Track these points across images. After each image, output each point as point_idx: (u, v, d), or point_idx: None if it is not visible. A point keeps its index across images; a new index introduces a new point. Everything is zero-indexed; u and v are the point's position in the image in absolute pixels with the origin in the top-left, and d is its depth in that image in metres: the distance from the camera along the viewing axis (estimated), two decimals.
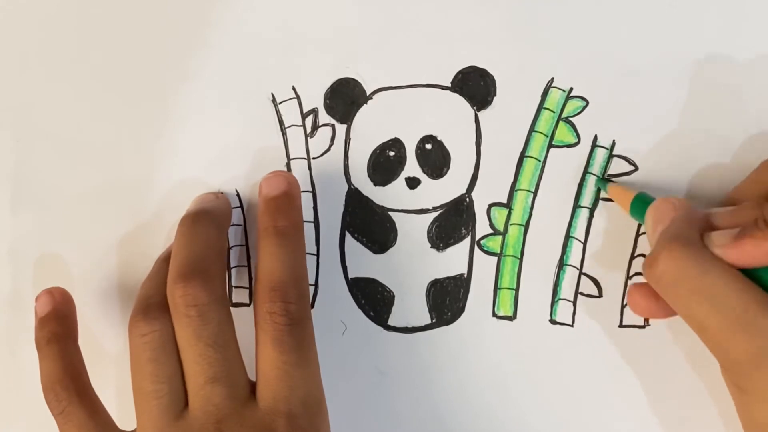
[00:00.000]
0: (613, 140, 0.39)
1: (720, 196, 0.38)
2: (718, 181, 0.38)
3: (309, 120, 0.40)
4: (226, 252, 0.39)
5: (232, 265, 0.40)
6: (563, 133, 0.39)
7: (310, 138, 0.40)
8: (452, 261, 0.40)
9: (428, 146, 0.39)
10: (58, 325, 0.37)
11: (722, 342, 0.32)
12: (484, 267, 0.40)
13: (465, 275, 0.40)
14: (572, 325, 0.39)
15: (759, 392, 0.31)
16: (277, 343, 0.35)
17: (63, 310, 0.38)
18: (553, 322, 0.40)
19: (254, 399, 0.35)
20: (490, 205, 0.40)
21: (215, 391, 0.34)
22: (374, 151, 0.40)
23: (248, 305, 0.40)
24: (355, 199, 0.40)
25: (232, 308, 0.40)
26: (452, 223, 0.40)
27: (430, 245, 0.40)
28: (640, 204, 0.36)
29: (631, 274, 0.39)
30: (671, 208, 0.35)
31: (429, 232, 0.40)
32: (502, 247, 0.40)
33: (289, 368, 0.35)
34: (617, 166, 0.39)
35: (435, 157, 0.39)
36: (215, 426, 0.34)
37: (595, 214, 0.39)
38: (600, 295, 0.39)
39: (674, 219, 0.34)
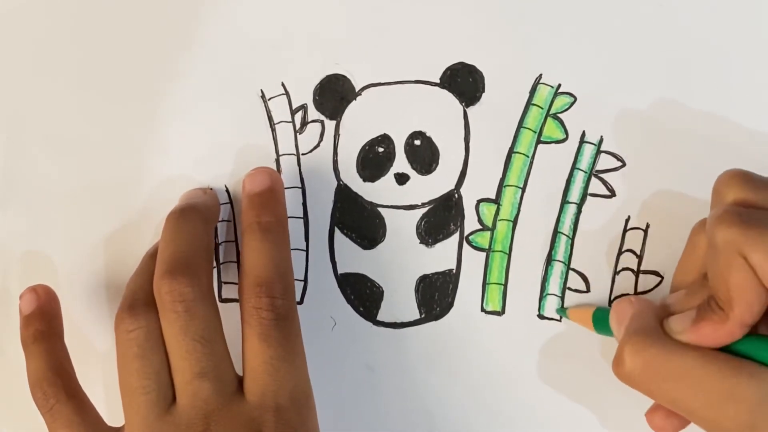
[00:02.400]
0: (601, 136, 0.39)
1: (707, 191, 0.38)
2: (705, 177, 0.38)
3: (298, 116, 0.40)
4: (214, 247, 0.39)
5: (221, 261, 0.40)
6: (551, 129, 0.39)
7: (300, 134, 0.40)
8: (441, 256, 0.40)
9: (417, 142, 0.40)
10: (43, 323, 0.37)
11: (712, 420, 0.31)
12: (473, 262, 0.40)
13: (454, 271, 0.40)
14: (560, 320, 0.40)
15: None
16: (263, 338, 0.35)
17: (48, 308, 0.38)
18: (541, 317, 0.40)
19: (242, 393, 0.35)
20: (479, 201, 0.40)
21: (203, 385, 0.35)
22: (363, 147, 0.40)
23: (238, 301, 0.40)
24: (344, 195, 0.40)
25: (221, 304, 0.40)
26: (441, 219, 0.40)
27: (419, 241, 0.40)
28: (601, 318, 0.37)
29: (618, 269, 0.39)
30: (628, 306, 0.35)
31: (418, 227, 0.40)
32: (490, 243, 0.40)
33: (276, 362, 0.35)
34: (605, 162, 0.39)
35: (424, 153, 0.40)
36: (203, 420, 0.34)
37: (582, 209, 0.39)
38: (588, 290, 0.39)
39: (632, 315, 0.34)
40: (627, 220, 0.39)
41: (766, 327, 0.32)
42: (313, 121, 0.40)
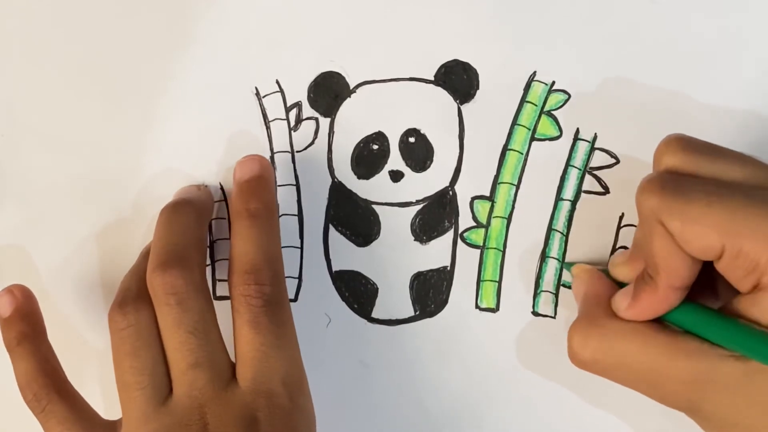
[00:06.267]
0: (595, 133, 0.39)
1: None
2: None
3: (293, 113, 0.40)
4: (207, 241, 0.39)
5: (216, 259, 0.40)
6: (545, 127, 0.39)
7: (294, 131, 0.40)
8: (435, 253, 0.40)
9: (411, 139, 0.40)
10: (24, 324, 0.37)
11: (659, 399, 0.33)
12: (467, 259, 0.40)
13: (448, 268, 0.40)
14: (554, 317, 0.40)
15: (715, 415, 0.32)
16: (253, 325, 0.35)
17: (27, 308, 0.38)
18: (535, 313, 0.40)
19: (236, 381, 0.35)
20: (473, 198, 0.40)
21: (198, 375, 0.35)
22: (358, 145, 0.40)
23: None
24: (338, 192, 0.40)
25: (216, 302, 0.40)
26: (435, 216, 0.40)
27: (413, 238, 0.40)
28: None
29: None
30: (581, 284, 0.36)
31: (412, 224, 0.40)
32: (484, 240, 0.40)
33: (267, 349, 0.35)
34: (599, 159, 0.39)
35: (418, 151, 0.40)
36: (199, 410, 0.34)
37: (576, 206, 0.39)
38: None
39: (583, 296, 0.36)
40: (621, 217, 0.39)
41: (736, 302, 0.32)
42: (308, 118, 0.40)
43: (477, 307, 0.40)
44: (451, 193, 0.40)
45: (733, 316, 0.32)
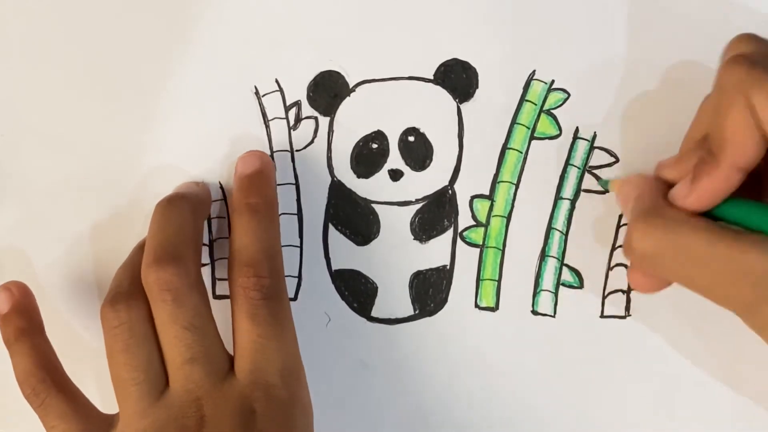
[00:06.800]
0: (594, 132, 0.39)
1: None
2: None
3: (292, 113, 0.40)
4: (202, 235, 0.39)
5: (215, 258, 0.40)
6: (545, 126, 0.39)
7: (294, 130, 0.40)
8: (435, 252, 0.40)
9: (411, 138, 0.40)
10: (22, 320, 0.37)
11: (721, 296, 0.32)
12: (467, 258, 0.40)
13: (447, 267, 0.40)
14: (554, 316, 0.40)
15: None
16: (251, 317, 0.35)
17: (24, 304, 0.38)
18: (534, 312, 0.40)
19: (233, 373, 0.35)
20: (473, 197, 0.40)
21: (194, 369, 0.35)
22: (357, 144, 0.40)
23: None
24: (338, 191, 0.40)
25: (215, 301, 0.40)
26: (435, 215, 0.40)
27: (412, 237, 0.40)
28: None
29: (612, 265, 0.39)
30: (631, 188, 0.35)
31: (412, 223, 0.40)
32: (484, 239, 0.40)
33: (265, 341, 0.35)
34: (598, 158, 0.39)
35: (418, 149, 0.40)
36: (195, 403, 0.34)
37: (576, 205, 0.39)
38: (581, 286, 0.40)
39: (636, 197, 0.35)
40: (620, 216, 0.39)
41: None
42: (307, 117, 0.40)
43: (476, 306, 0.40)
44: (450, 192, 0.40)
45: None
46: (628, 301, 0.39)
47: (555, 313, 0.40)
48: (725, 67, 0.32)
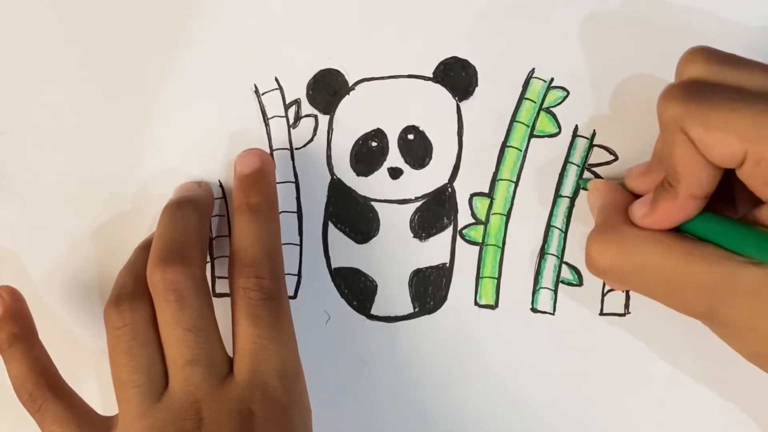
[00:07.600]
0: (594, 130, 0.39)
1: None
2: None
3: (292, 111, 0.40)
4: (208, 239, 0.39)
5: (215, 256, 0.41)
6: (544, 124, 0.39)
7: (293, 129, 0.40)
8: (434, 250, 0.40)
9: (410, 136, 0.40)
10: (15, 325, 0.37)
11: (677, 306, 0.33)
12: (466, 256, 0.40)
13: (447, 264, 0.40)
14: (553, 314, 0.40)
15: (732, 321, 0.32)
16: (251, 318, 0.35)
17: (16, 310, 0.37)
18: (534, 310, 0.40)
19: (233, 375, 0.35)
20: (472, 195, 0.40)
21: (194, 371, 0.35)
22: (357, 142, 0.40)
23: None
24: (337, 189, 0.40)
25: (216, 299, 0.40)
26: (434, 213, 0.40)
27: (412, 235, 0.40)
28: None
29: None
30: (597, 196, 0.36)
31: (411, 221, 0.40)
32: (483, 237, 0.40)
33: (264, 342, 0.35)
34: (598, 156, 0.39)
35: (417, 148, 0.40)
36: (194, 405, 0.34)
37: (575, 203, 0.39)
38: (581, 284, 0.40)
39: (599, 207, 0.35)
40: None
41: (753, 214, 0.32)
42: (307, 115, 0.40)
43: (476, 303, 0.40)
44: (450, 190, 0.40)
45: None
46: (627, 298, 0.39)
47: (554, 310, 0.40)
48: (660, 102, 0.32)
